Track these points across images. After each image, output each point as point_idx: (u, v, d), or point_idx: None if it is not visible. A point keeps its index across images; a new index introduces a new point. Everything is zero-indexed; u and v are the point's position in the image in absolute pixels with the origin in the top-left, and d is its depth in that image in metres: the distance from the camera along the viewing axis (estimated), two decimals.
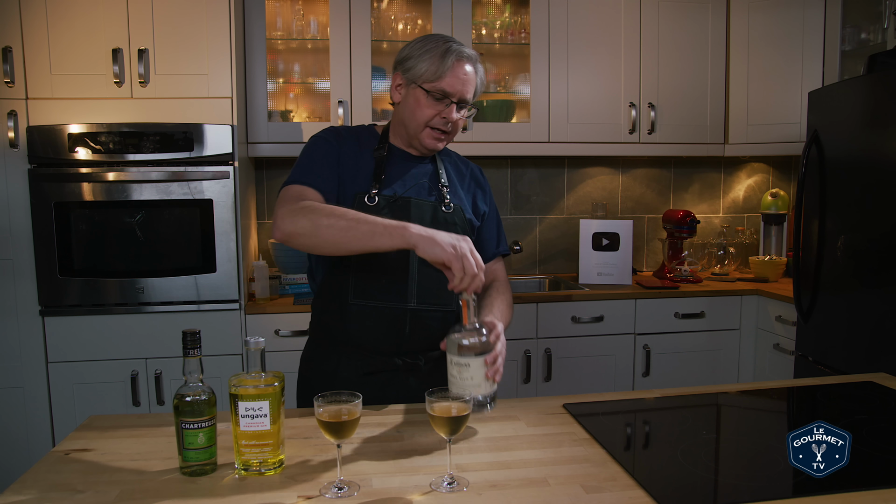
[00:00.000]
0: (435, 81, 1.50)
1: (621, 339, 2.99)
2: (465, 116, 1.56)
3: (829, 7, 3.01)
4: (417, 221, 1.45)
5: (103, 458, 1.20)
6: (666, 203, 3.63)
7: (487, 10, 3.20)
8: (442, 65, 1.49)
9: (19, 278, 2.56)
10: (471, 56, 1.54)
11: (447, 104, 1.51)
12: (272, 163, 3.25)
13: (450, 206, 1.58)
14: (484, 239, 1.70)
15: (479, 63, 1.56)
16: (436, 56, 1.50)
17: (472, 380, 1.26)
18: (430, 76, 1.50)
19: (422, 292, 1.55)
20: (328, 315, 1.60)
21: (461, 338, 1.27)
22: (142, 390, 2.62)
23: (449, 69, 1.49)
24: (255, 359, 1.15)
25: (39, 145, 2.51)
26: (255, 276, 2.80)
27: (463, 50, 1.53)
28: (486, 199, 1.72)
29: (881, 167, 2.29)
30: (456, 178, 1.66)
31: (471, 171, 1.73)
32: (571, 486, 1.09)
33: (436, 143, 1.56)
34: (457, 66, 1.50)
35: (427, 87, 1.51)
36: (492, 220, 1.72)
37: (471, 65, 1.53)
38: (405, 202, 1.54)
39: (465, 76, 1.51)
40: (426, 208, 1.56)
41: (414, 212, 1.54)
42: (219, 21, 2.59)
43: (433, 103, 1.51)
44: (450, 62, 1.49)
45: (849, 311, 2.44)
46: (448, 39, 1.54)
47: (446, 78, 1.49)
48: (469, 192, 1.68)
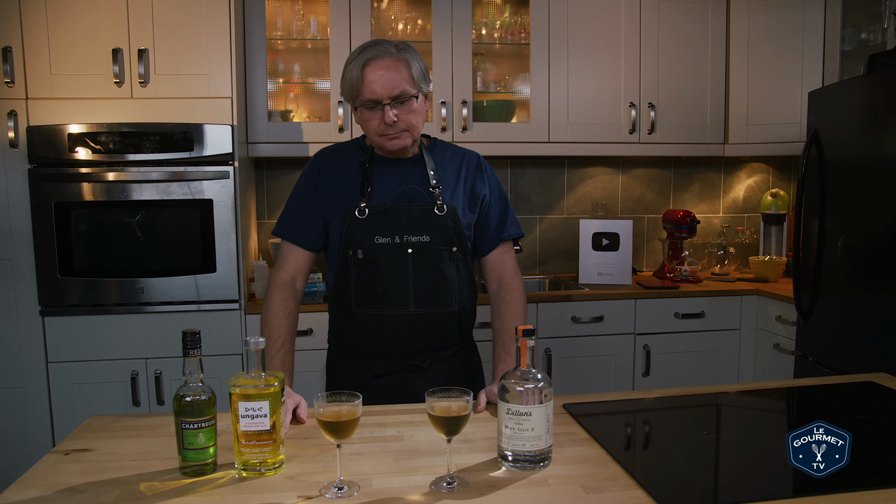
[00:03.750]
0: (357, 97, 1.51)
1: (621, 339, 2.99)
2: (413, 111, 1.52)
3: (828, 7, 3.00)
4: (410, 228, 1.55)
5: (103, 458, 1.20)
6: (666, 203, 3.63)
7: (487, 10, 3.20)
8: (352, 81, 1.50)
9: (19, 278, 2.56)
10: (387, 52, 1.50)
11: (380, 108, 1.51)
12: (272, 163, 3.25)
13: (443, 209, 1.58)
14: (482, 226, 1.66)
15: (403, 52, 1.51)
16: (346, 76, 1.52)
17: (533, 431, 1.14)
18: (353, 95, 1.52)
19: (419, 297, 1.57)
20: (337, 322, 1.69)
21: (518, 384, 1.15)
22: (142, 390, 2.62)
23: (359, 80, 1.49)
24: (255, 359, 1.16)
25: (39, 145, 2.51)
26: (255, 276, 2.80)
27: (375, 51, 1.50)
28: (485, 183, 1.67)
29: (881, 167, 2.29)
30: (450, 174, 1.64)
31: (466, 159, 1.68)
32: (571, 486, 1.09)
33: (396, 142, 1.54)
34: (366, 73, 1.48)
35: (356, 104, 1.53)
36: (495, 204, 1.68)
37: (388, 60, 1.49)
38: (395, 211, 1.57)
39: (379, 76, 1.48)
40: (417, 213, 1.57)
41: (405, 219, 1.56)
42: (219, 21, 2.59)
43: (371, 114, 1.52)
44: (356, 74, 1.49)
45: (849, 311, 2.44)
46: (365, 46, 1.52)
47: (362, 89, 1.49)
48: (467, 183, 1.65)
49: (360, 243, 1.56)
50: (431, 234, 1.57)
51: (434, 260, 1.58)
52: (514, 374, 1.16)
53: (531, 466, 1.15)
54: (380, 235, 1.55)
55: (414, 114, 1.53)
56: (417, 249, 1.56)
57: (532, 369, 1.16)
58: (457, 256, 1.60)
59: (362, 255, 1.56)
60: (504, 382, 1.16)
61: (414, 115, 1.53)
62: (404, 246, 1.55)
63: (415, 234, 1.56)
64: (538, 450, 1.15)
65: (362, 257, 1.56)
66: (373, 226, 1.55)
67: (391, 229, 1.55)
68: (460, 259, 1.62)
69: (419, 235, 1.56)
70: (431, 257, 1.57)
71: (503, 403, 1.16)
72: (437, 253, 1.58)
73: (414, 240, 1.56)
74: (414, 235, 1.56)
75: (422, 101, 1.55)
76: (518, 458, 1.15)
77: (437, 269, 1.58)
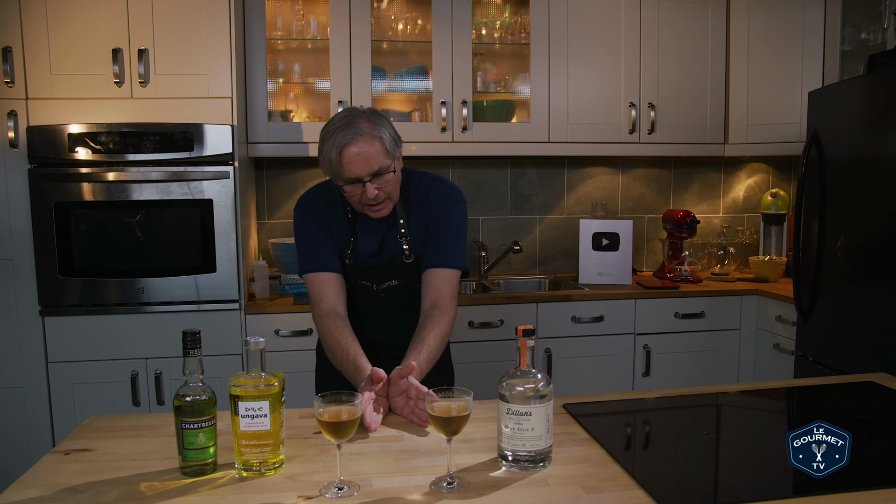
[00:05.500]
0: (338, 175, 1.58)
1: (621, 339, 2.99)
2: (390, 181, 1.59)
3: (829, 7, 3.01)
4: (382, 276, 1.73)
5: (103, 458, 1.20)
6: (666, 203, 3.63)
7: (487, 10, 3.20)
8: (331, 163, 1.56)
9: (19, 278, 2.56)
10: (360, 132, 1.53)
11: (361, 185, 1.57)
12: (272, 163, 3.25)
13: (409, 257, 1.72)
14: (428, 245, 1.72)
15: (376, 127, 1.55)
16: (324, 157, 1.57)
17: (533, 431, 1.14)
18: (333, 172, 1.58)
19: (388, 327, 1.79)
20: None
21: (518, 383, 1.15)
22: (142, 390, 2.62)
23: (338, 164, 1.55)
24: (255, 359, 1.16)
25: (39, 145, 2.51)
26: (255, 276, 2.80)
27: (349, 135, 1.53)
28: (443, 214, 1.71)
29: (881, 167, 2.29)
30: (419, 223, 1.72)
31: (437, 200, 1.72)
32: (571, 486, 1.09)
33: (378, 214, 1.65)
34: (344, 156, 1.53)
35: (338, 182, 1.60)
36: (438, 231, 1.71)
37: (362, 142, 1.53)
38: (372, 265, 1.73)
39: (356, 158, 1.53)
40: (388, 264, 1.73)
41: (380, 271, 1.73)
42: (219, 21, 2.59)
43: (353, 188, 1.59)
44: (334, 157, 1.54)
45: (849, 311, 2.44)
46: (338, 128, 1.54)
47: (342, 170, 1.56)
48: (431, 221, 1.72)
49: (346, 283, 1.76)
50: (399, 279, 1.75)
51: (401, 298, 1.78)
52: (516, 375, 1.16)
53: (531, 466, 1.15)
54: (360, 279, 1.76)
55: (392, 183, 1.61)
56: (388, 291, 1.76)
57: (532, 369, 1.16)
58: (420, 292, 1.74)
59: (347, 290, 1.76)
60: (503, 382, 1.17)
61: (392, 184, 1.62)
62: (378, 291, 1.76)
63: (386, 280, 1.75)
64: (538, 450, 1.15)
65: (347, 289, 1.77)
66: (356, 273, 1.75)
67: (369, 278, 1.75)
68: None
69: (389, 281, 1.75)
70: (399, 296, 1.77)
71: (503, 403, 1.16)
72: (403, 292, 1.77)
73: (384, 285, 1.75)
74: (385, 282, 1.75)
75: (397, 167, 1.63)
76: (518, 458, 1.15)
77: (405, 304, 1.78)
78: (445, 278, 1.69)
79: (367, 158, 1.54)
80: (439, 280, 1.68)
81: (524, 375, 1.16)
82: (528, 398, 1.14)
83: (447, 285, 1.69)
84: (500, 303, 2.89)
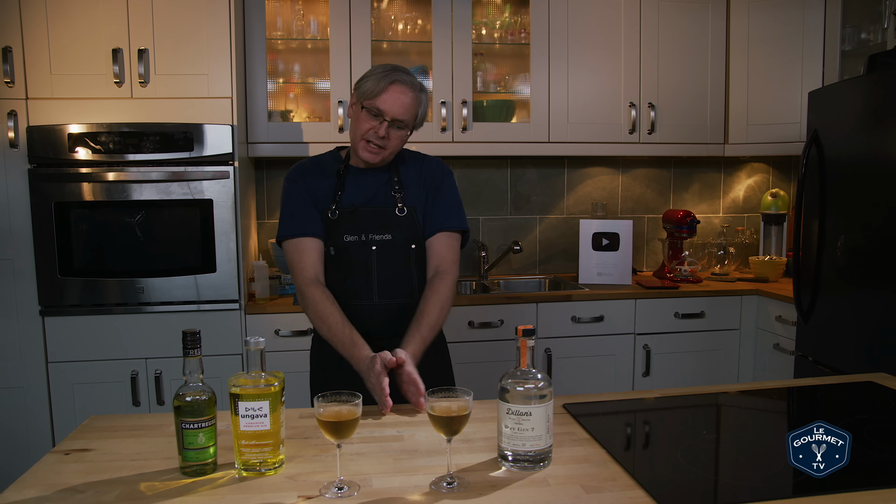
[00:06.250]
0: (372, 99, 1.65)
1: (621, 339, 2.99)
2: (400, 138, 1.70)
3: (829, 7, 3.00)
4: (372, 226, 1.71)
5: (103, 458, 1.20)
6: (666, 203, 3.63)
7: (487, 10, 3.20)
8: (379, 85, 1.65)
9: (19, 278, 2.56)
10: (412, 84, 1.68)
11: (381, 121, 1.65)
12: (272, 163, 3.25)
13: (403, 210, 1.73)
14: (429, 213, 1.77)
15: (421, 93, 1.71)
16: (377, 78, 1.66)
17: (533, 431, 1.14)
18: (369, 94, 1.66)
19: (381, 289, 1.72)
20: None
21: (518, 383, 1.15)
22: (142, 390, 2.62)
23: (384, 90, 1.65)
24: (255, 359, 1.16)
25: (39, 145, 2.51)
26: (255, 276, 2.80)
27: (404, 77, 1.67)
28: (442, 182, 1.79)
29: (881, 167, 2.29)
30: (413, 180, 1.78)
31: (430, 167, 1.81)
32: (571, 486, 1.09)
33: (371, 155, 1.69)
34: (392, 88, 1.65)
35: (366, 104, 1.66)
36: (443, 196, 1.78)
37: (409, 91, 1.67)
38: (361, 212, 1.72)
39: (398, 98, 1.65)
40: (380, 214, 1.73)
41: (370, 218, 1.72)
42: (219, 21, 2.59)
43: (369, 118, 1.66)
44: (381, 85, 1.65)
45: (849, 311, 2.44)
46: (397, 69, 1.68)
47: (381, 96, 1.64)
48: (427, 186, 1.78)
49: (332, 241, 1.72)
50: (393, 233, 1.72)
51: (396, 256, 1.73)
52: (515, 375, 1.16)
53: (531, 466, 1.15)
54: (348, 234, 1.71)
55: (398, 140, 1.70)
56: (381, 246, 1.71)
57: (532, 369, 1.16)
58: (416, 253, 1.75)
59: (334, 252, 1.72)
60: (502, 382, 1.16)
61: (398, 140, 1.70)
62: (369, 243, 1.71)
63: (378, 232, 1.72)
64: (538, 450, 1.15)
65: (334, 254, 1.72)
66: (342, 225, 1.71)
67: (358, 229, 1.71)
68: (419, 256, 1.76)
69: (382, 234, 1.72)
70: (393, 254, 1.73)
71: (503, 403, 1.16)
72: (398, 250, 1.73)
73: (377, 238, 1.71)
74: (377, 234, 1.72)
75: (406, 135, 1.72)
76: (518, 458, 1.15)
77: (398, 264, 1.73)
78: (449, 243, 1.77)
79: (405, 105, 1.65)
80: (444, 246, 1.76)
81: (524, 375, 1.16)
82: (529, 398, 1.14)
83: (451, 251, 1.77)
84: (500, 303, 2.89)
